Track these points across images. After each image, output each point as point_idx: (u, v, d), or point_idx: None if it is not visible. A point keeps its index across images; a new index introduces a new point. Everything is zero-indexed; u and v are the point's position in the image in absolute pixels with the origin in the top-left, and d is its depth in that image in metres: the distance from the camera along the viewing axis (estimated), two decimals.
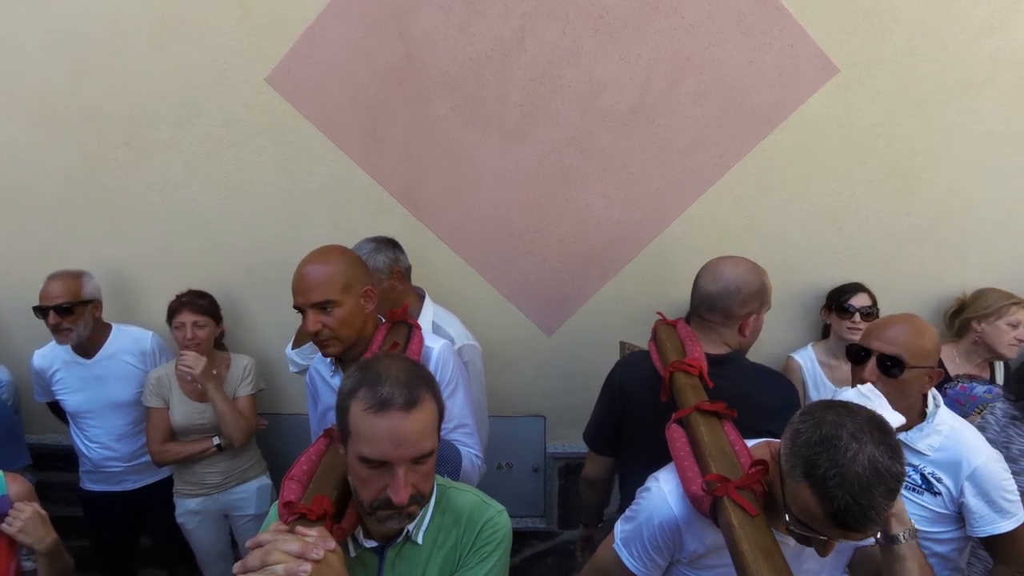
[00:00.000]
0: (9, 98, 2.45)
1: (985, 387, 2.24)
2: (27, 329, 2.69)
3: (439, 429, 1.14)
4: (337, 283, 1.58)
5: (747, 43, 2.29)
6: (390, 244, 2.14)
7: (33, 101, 2.45)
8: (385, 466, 1.05)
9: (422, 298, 2.22)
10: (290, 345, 2.37)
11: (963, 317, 2.40)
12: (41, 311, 2.27)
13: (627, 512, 1.42)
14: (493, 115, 2.40)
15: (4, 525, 1.55)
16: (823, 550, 1.13)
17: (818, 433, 1.05)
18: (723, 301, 1.68)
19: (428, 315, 2.15)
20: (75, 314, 2.29)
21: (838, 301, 2.41)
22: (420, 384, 1.09)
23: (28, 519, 1.55)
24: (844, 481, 1.00)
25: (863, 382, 1.48)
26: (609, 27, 2.29)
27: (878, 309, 2.38)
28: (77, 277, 2.34)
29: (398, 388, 1.06)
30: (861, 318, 2.34)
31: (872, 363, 1.52)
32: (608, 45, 2.31)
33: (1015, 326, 2.30)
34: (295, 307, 1.61)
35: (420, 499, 1.10)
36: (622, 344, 2.38)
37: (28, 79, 2.43)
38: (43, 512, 1.59)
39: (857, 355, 1.57)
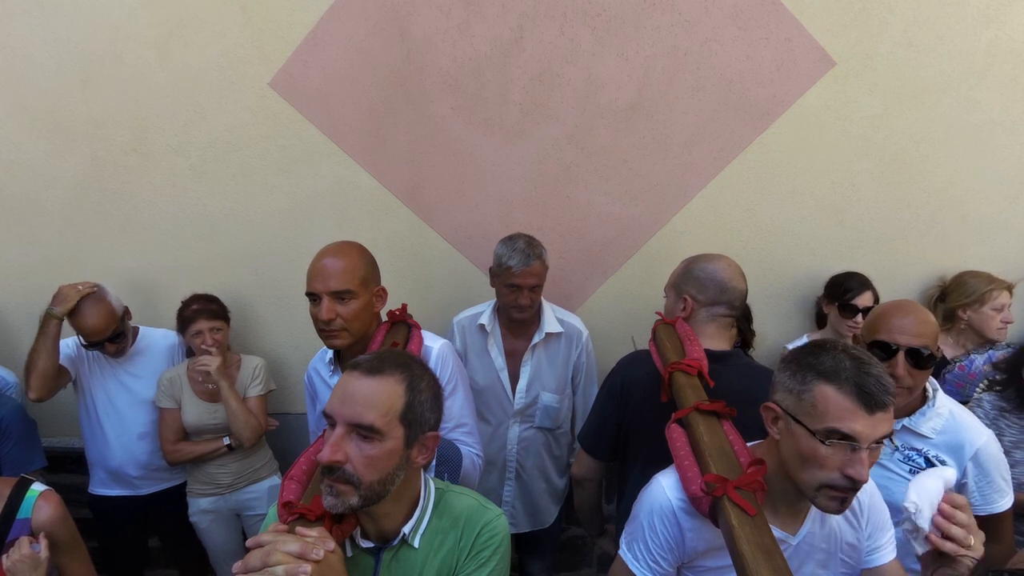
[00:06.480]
0: (18, 107, 2.50)
1: (984, 356, 2.21)
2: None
3: (405, 422, 1.09)
4: (357, 275, 1.61)
5: (744, 38, 2.30)
6: None
7: (41, 109, 2.49)
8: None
9: None
10: None
11: (947, 307, 2.39)
12: (96, 345, 2.32)
13: (630, 515, 1.40)
14: (494, 114, 2.43)
15: (3, 557, 1.49)
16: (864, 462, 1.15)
17: (808, 350, 1.18)
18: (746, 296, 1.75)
19: None
20: (124, 332, 2.38)
21: (842, 298, 2.38)
22: (394, 363, 1.12)
23: (17, 561, 1.48)
24: (852, 362, 1.12)
25: (892, 376, 1.46)
26: (606, 25, 2.31)
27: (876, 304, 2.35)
28: (104, 301, 2.31)
29: (371, 358, 1.13)
30: (864, 318, 2.28)
31: (901, 357, 1.50)
32: (606, 42, 2.33)
33: (1000, 310, 2.29)
34: (309, 293, 1.60)
35: (350, 477, 1.05)
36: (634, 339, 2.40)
37: (36, 88, 2.47)
38: (42, 556, 1.51)
39: (885, 350, 1.52)
